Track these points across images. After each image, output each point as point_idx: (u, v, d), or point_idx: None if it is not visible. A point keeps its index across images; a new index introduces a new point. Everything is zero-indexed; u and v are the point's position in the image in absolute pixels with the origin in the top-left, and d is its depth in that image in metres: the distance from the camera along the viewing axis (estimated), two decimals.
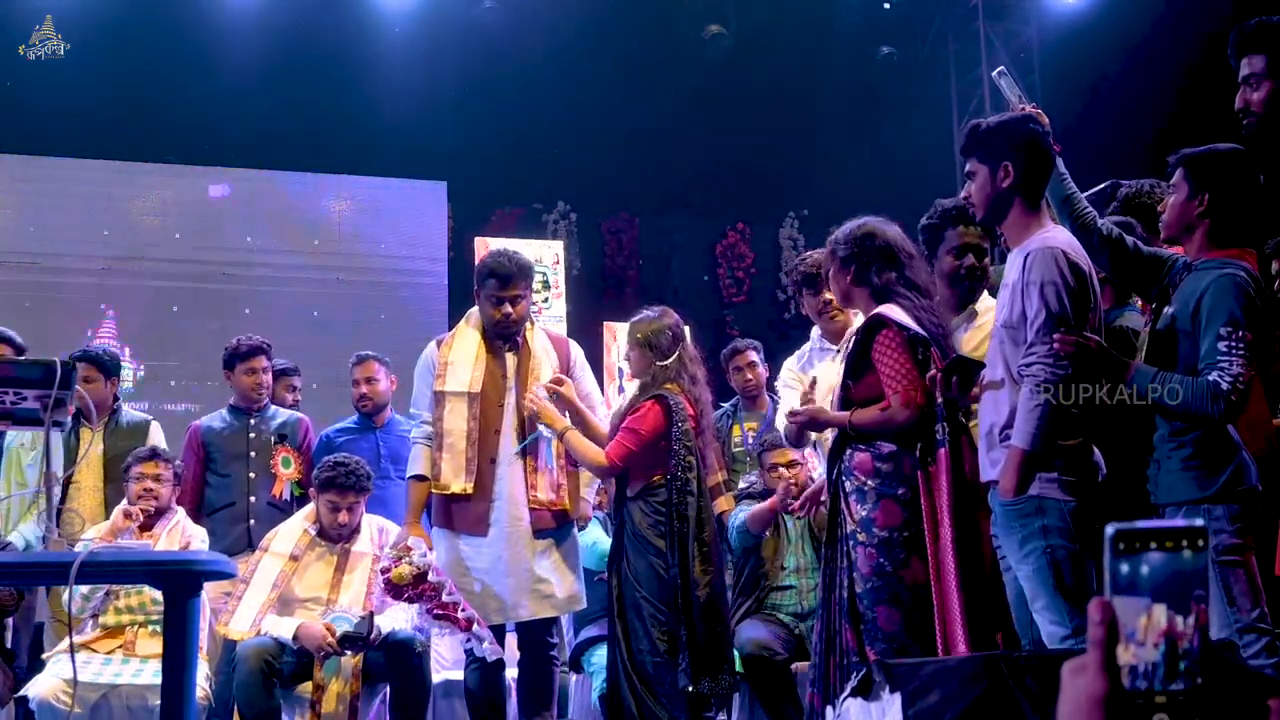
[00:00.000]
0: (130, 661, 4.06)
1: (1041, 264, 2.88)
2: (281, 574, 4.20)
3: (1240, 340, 2.78)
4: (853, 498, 3.26)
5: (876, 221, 3.49)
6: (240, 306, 8.07)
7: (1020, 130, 3.04)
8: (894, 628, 3.16)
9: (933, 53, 10.21)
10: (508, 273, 4.19)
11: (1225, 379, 2.77)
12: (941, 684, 2.59)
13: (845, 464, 3.31)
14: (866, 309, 3.40)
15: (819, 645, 3.33)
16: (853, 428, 3.28)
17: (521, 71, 8.85)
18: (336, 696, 3.97)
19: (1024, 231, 3.02)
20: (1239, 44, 2.88)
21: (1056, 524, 2.84)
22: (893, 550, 3.18)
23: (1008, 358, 2.95)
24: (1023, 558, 2.89)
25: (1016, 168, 2.99)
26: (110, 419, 5.01)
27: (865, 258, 3.38)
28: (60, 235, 8.13)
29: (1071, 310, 2.85)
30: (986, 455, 3.02)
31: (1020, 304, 2.91)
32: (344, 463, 4.34)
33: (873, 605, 3.19)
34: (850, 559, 3.23)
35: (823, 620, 3.34)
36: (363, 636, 3.99)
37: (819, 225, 10.40)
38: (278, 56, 8.41)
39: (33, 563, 3.25)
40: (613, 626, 3.94)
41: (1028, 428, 2.82)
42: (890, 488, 3.21)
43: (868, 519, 3.21)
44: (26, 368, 2.92)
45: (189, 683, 2.79)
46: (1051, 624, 2.86)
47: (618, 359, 7.96)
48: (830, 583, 3.32)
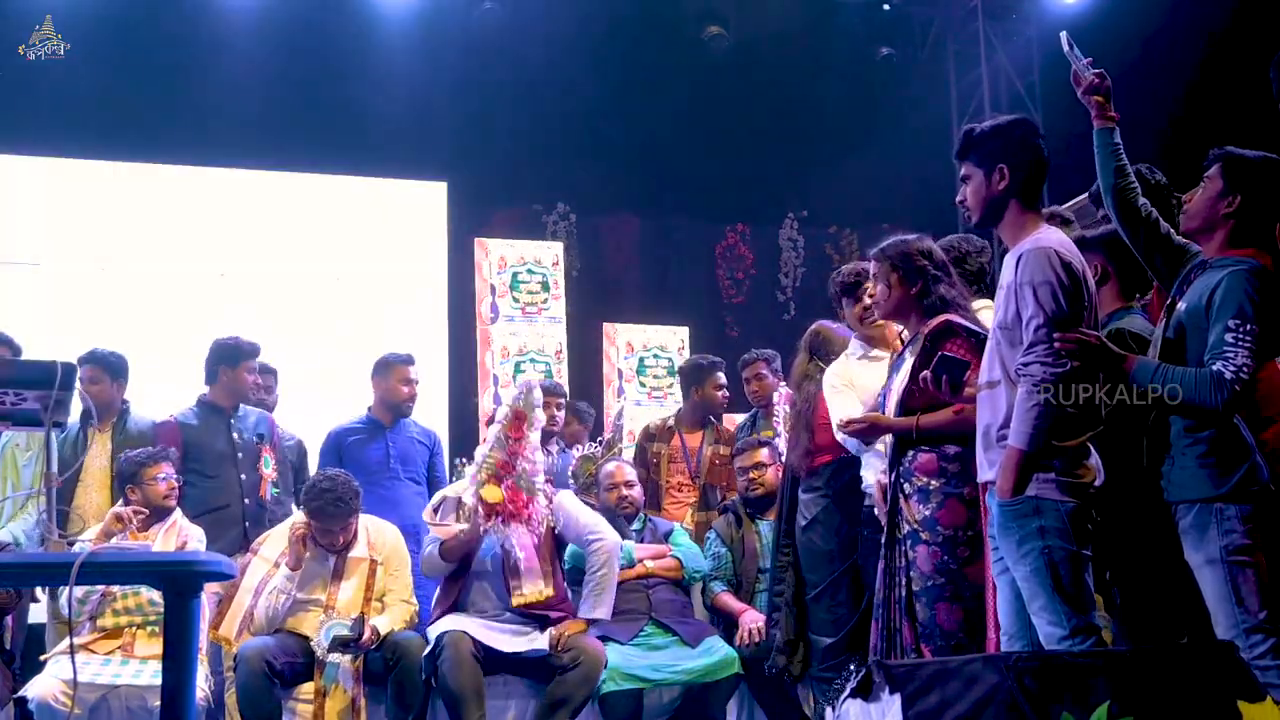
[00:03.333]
0: (129, 663, 4.06)
1: (1034, 264, 2.90)
2: (264, 579, 4.20)
3: (1248, 333, 2.80)
4: (914, 498, 3.33)
5: (927, 238, 3.59)
6: (239, 307, 8.06)
7: (1014, 134, 3.09)
8: (953, 625, 3.23)
9: (932, 53, 10.22)
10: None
11: (1229, 369, 2.79)
12: (941, 685, 2.59)
13: (905, 465, 3.37)
14: (914, 322, 3.48)
15: (880, 645, 3.38)
16: (920, 431, 3.32)
17: (521, 71, 8.85)
18: (336, 700, 3.97)
19: (1020, 233, 3.04)
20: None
21: (1054, 525, 2.84)
22: (957, 549, 3.26)
23: (1004, 358, 2.96)
24: (1020, 558, 2.90)
25: (1011, 171, 3.03)
26: (118, 420, 5.01)
27: (934, 272, 3.46)
28: (61, 235, 8.13)
29: (1068, 308, 2.86)
30: (984, 455, 3.03)
31: (1014, 304, 2.93)
32: (330, 489, 4.25)
33: (932, 603, 3.26)
34: (909, 558, 3.30)
35: (882, 620, 3.40)
36: (355, 638, 3.99)
37: (818, 226, 10.43)
38: (278, 57, 8.41)
39: (33, 563, 3.25)
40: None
41: (1025, 427, 2.83)
42: (956, 487, 3.29)
43: (931, 518, 3.28)
44: (26, 369, 2.92)
45: (189, 683, 2.79)
46: (1049, 625, 2.86)
47: (617, 360, 7.97)
48: (890, 582, 3.38)
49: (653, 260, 9.99)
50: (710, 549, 4.81)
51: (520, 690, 4.26)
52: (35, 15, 6.40)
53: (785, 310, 10.20)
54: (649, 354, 8.00)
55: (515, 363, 7.47)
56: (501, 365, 7.45)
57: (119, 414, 5.03)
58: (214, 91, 8.24)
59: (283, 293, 8.35)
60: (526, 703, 4.23)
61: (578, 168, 9.38)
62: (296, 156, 8.57)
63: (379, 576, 4.34)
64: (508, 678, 4.26)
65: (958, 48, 10.10)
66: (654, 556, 4.73)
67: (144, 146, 8.26)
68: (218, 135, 8.30)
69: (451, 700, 4.02)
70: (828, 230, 10.46)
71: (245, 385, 5.06)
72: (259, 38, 8.32)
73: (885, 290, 3.54)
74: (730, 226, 10.27)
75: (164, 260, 8.23)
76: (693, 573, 4.71)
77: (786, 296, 10.27)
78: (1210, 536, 2.83)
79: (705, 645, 4.39)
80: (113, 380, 5.00)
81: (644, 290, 9.68)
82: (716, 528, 4.86)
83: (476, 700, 4.03)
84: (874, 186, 9.67)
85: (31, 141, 8.07)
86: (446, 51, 8.86)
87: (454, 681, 4.01)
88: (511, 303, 7.65)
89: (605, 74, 9.05)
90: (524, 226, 9.29)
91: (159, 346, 7.44)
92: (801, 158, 9.75)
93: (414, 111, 8.61)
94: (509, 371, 7.38)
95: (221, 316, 7.85)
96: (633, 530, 4.88)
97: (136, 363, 5.29)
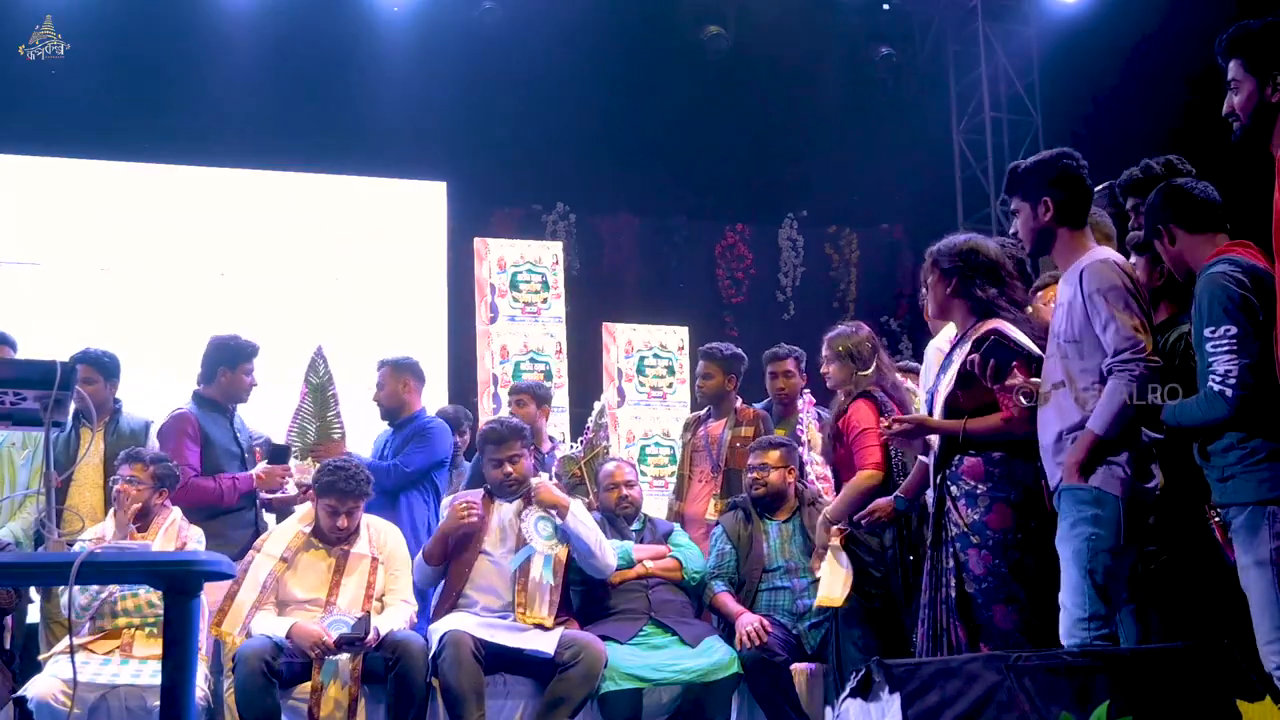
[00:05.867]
0: (129, 663, 4.06)
1: (1100, 274, 3.08)
2: (271, 575, 4.20)
3: (1223, 336, 2.85)
4: (961, 501, 3.37)
5: (980, 238, 3.65)
6: (239, 307, 8.06)
7: (1055, 166, 3.28)
8: (1010, 626, 3.27)
9: (931, 53, 10.22)
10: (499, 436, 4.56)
11: (1214, 380, 2.86)
12: (941, 684, 2.60)
13: (953, 469, 3.41)
14: (963, 321, 3.54)
15: (925, 645, 3.42)
16: (967, 434, 3.36)
17: (521, 71, 8.85)
18: (335, 699, 3.97)
19: (1073, 254, 3.23)
20: (1221, 51, 2.95)
21: (1109, 517, 2.98)
22: (1008, 551, 3.30)
23: (1072, 370, 3.10)
24: (1067, 538, 3.04)
25: (1055, 201, 3.23)
26: (111, 420, 5.01)
27: (969, 272, 3.51)
28: (61, 235, 8.13)
29: (1139, 309, 3.03)
30: (1052, 460, 3.15)
31: (1082, 315, 3.08)
32: (344, 467, 4.33)
33: (988, 604, 3.30)
34: (958, 560, 3.35)
35: (928, 621, 3.44)
36: (359, 638, 3.98)
37: (818, 226, 10.44)
38: (277, 57, 8.42)
39: (33, 563, 3.25)
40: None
41: (1107, 415, 2.98)
42: (1002, 491, 3.33)
43: (980, 522, 3.33)
44: (26, 369, 2.92)
45: (189, 683, 2.78)
46: (1071, 604, 3.01)
47: (616, 360, 7.96)
48: (936, 583, 3.43)
49: (652, 260, 9.99)
50: (715, 545, 4.78)
51: (520, 689, 4.26)
52: (35, 15, 6.40)
53: (785, 310, 10.20)
54: (649, 354, 7.99)
55: (515, 363, 7.47)
56: (501, 365, 7.44)
57: (112, 413, 5.03)
58: (213, 92, 8.25)
59: (282, 292, 8.35)
60: (526, 702, 4.23)
61: (578, 167, 9.38)
62: (296, 156, 8.58)
63: (380, 575, 4.34)
64: (507, 677, 4.25)
65: (957, 48, 10.10)
66: (653, 557, 4.73)
67: (144, 146, 8.27)
68: (217, 135, 8.31)
69: (451, 700, 4.02)
70: (827, 230, 10.46)
71: (243, 387, 5.03)
72: (259, 38, 8.33)
73: (927, 290, 3.68)
74: (730, 226, 10.27)
75: (164, 260, 8.24)
76: (692, 573, 4.71)
77: (786, 296, 10.27)
78: (1262, 538, 2.85)
79: (705, 645, 4.38)
80: (106, 380, 5.00)
81: (644, 290, 9.67)
82: (724, 524, 4.80)
83: (476, 700, 4.03)
84: (874, 186, 9.68)
85: (31, 141, 8.07)
86: (446, 51, 8.86)
87: (454, 681, 4.01)
88: (511, 302, 7.64)
89: (605, 74, 9.05)
90: (524, 226, 9.30)
91: (159, 346, 7.45)
92: (801, 158, 9.75)
93: (413, 111, 8.61)
94: (509, 371, 7.37)
95: (221, 316, 7.87)
96: (632, 530, 4.88)
97: (136, 362, 5.30)
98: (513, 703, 4.26)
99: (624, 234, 10.01)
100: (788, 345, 5.52)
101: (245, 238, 8.45)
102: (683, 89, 9.30)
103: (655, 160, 9.46)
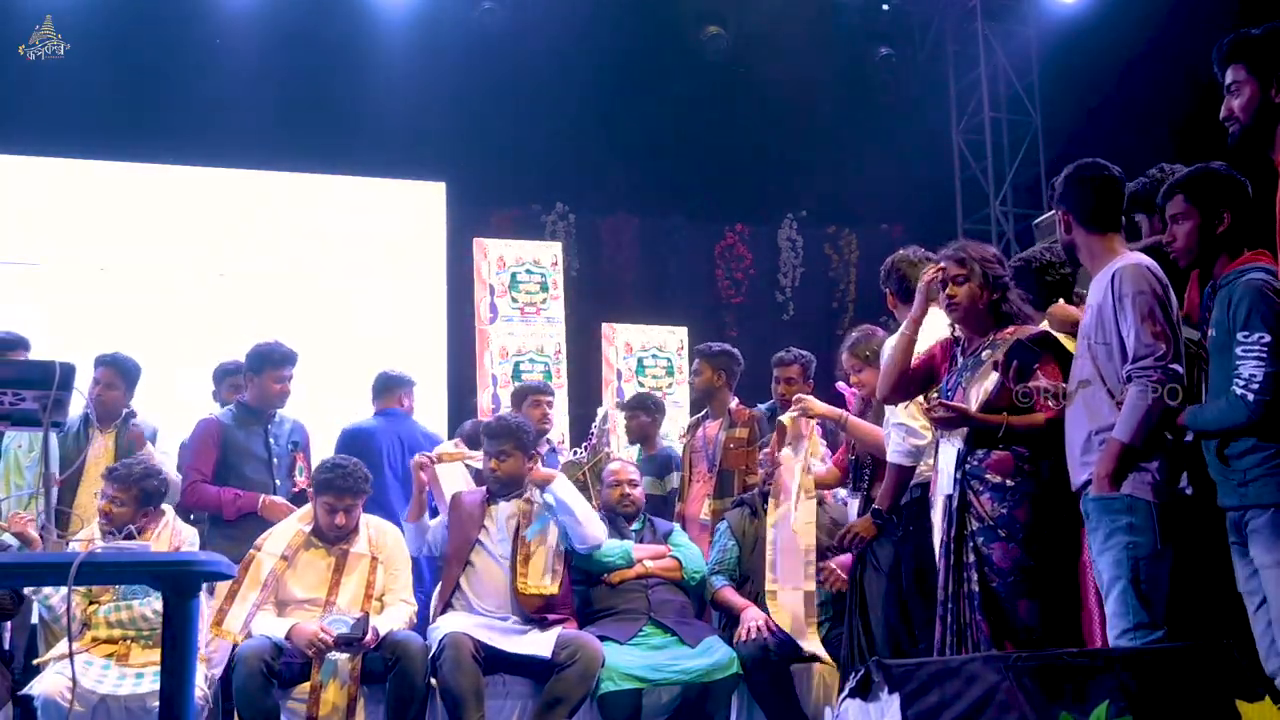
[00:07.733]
0: (126, 677, 4.03)
1: (1131, 278, 3.10)
2: (272, 574, 4.20)
3: (1256, 343, 2.87)
4: (985, 495, 3.37)
5: (991, 247, 3.72)
6: (238, 307, 8.07)
7: (1079, 177, 3.32)
8: (1034, 620, 3.28)
9: (931, 54, 10.23)
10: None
11: (1239, 384, 2.88)
12: (940, 684, 2.60)
13: (977, 463, 3.41)
14: (986, 326, 3.57)
15: (949, 639, 3.41)
16: (1009, 430, 3.38)
17: (521, 72, 8.86)
18: (334, 700, 3.97)
19: (1102, 258, 3.26)
20: (1220, 59, 2.97)
21: (1143, 523, 3.00)
22: (1034, 546, 3.31)
23: (1102, 370, 3.13)
24: (1104, 549, 3.06)
25: (1079, 210, 3.29)
26: (123, 422, 5.01)
27: (1007, 280, 3.59)
28: (61, 235, 8.13)
29: (1163, 317, 3.05)
30: (1079, 459, 3.16)
31: (1112, 317, 3.11)
32: (342, 464, 4.34)
33: (1012, 599, 3.30)
34: (981, 554, 3.35)
35: (951, 614, 3.43)
36: (358, 638, 3.98)
37: (817, 226, 10.44)
38: (277, 57, 8.42)
39: (33, 563, 3.25)
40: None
41: (1132, 422, 2.99)
42: (1032, 487, 3.34)
43: (1009, 516, 3.33)
44: (26, 369, 2.92)
45: (187, 683, 2.78)
46: (1115, 615, 3.02)
47: (616, 359, 7.97)
48: (957, 578, 3.42)
49: (652, 260, 10.00)
50: (719, 540, 4.77)
51: (520, 690, 4.26)
52: (35, 15, 6.40)
53: (784, 310, 10.20)
54: (648, 354, 8.00)
55: (514, 363, 7.48)
56: (500, 365, 7.45)
57: (123, 418, 5.02)
58: (213, 92, 8.25)
59: (282, 292, 8.35)
60: (526, 703, 4.23)
61: (577, 168, 9.38)
62: (296, 156, 8.58)
63: (380, 575, 4.35)
64: (507, 678, 4.25)
65: (957, 48, 10.11)
66: (653, 556, 4.73)
67: (144, 146, 8.27)
68: (217, 136, 8.31)
69: (451, 701, 4.03)
70: (827, 230, 10.47)
71: (271, 393, 4.96)
72: (258, 38, 8.33)
73: (957, 287, 3.69)
74: (729, 226, 10.28)
75: (163, 260, 8.24)
76: (692, 573, 4.71)
77: (785, 296, 10.27)
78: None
79: (704, 645, 4.38)
80: (127, 387, 4.99)
81: (643, 290, 9.68)
82: (729, 519, 4.79)
83: (476, 701, 4.04)
84: (873, 186, 9.68)
85: (31, 141, 8.08)
86: (446, 51, 8.87)
87: (454, 682, 4.01)
88: (510, 303, 7.65)
89: (604, 74, 9.05)
90: (523, 226, 9.30)
91: (158, 346, 7.44)
92: (801, 158, 9.76)
93: (413, 111, 8.61)
94: (508, 371, 7.38)
95: (221, 316, 7.88)
96: (632, 530, 4.88)
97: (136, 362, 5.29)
98: (511, 703, 4.26)
99: (623, 234, 10.02)
100: (796, 350, 5.38)
101: (245, 238, 8.45)
102: (683, 89, 9.31)
103: (654, 160, 9.46)
